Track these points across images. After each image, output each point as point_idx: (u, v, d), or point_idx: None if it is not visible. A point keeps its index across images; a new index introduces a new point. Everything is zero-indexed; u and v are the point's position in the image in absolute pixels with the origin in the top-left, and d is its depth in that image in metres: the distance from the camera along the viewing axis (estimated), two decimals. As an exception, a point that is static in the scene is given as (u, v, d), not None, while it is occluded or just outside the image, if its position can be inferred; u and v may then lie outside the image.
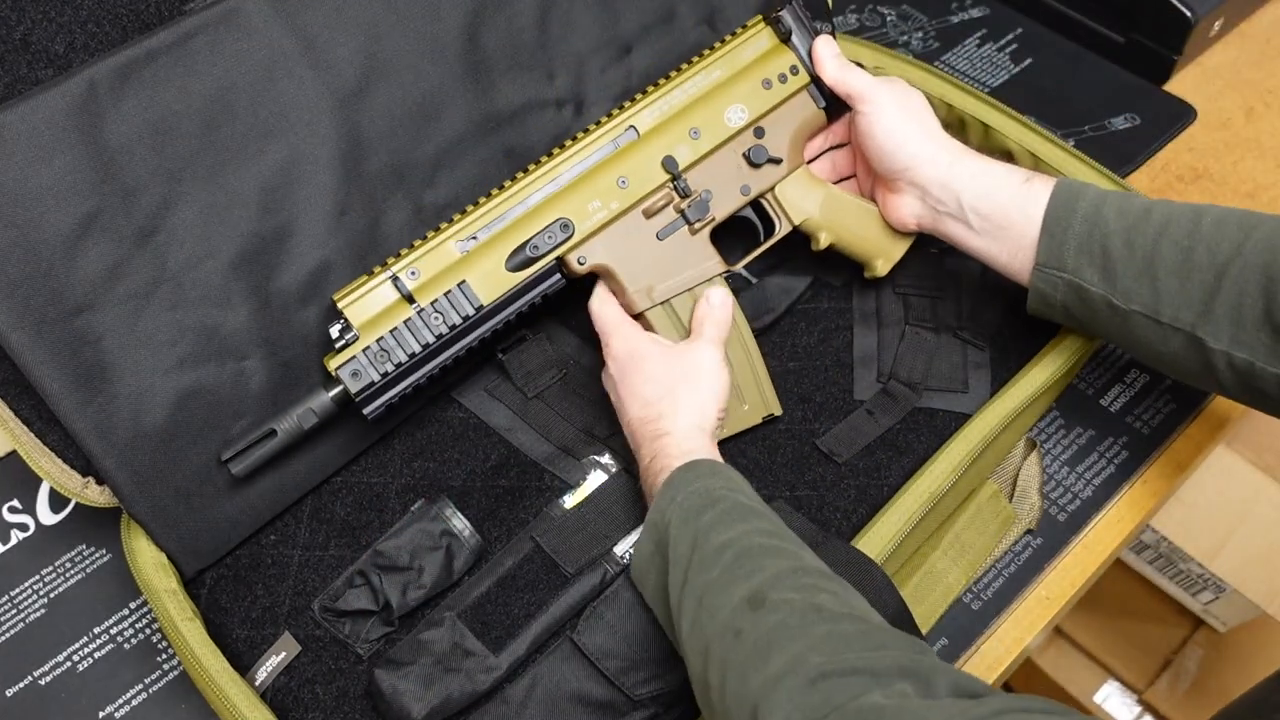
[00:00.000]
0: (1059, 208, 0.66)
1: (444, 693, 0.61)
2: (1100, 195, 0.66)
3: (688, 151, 0.72)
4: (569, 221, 0.69)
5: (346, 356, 0.66)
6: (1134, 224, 0.64)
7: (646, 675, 0.61)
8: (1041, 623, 0.72)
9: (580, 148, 0.70)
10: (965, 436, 0.69)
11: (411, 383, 0.67)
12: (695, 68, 0.73)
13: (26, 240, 0.58)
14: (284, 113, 0.65)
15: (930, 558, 0.70)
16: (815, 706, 0.45)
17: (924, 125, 0.72)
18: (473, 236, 0.68)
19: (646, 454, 0.64)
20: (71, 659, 0.73)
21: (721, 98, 0.73)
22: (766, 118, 0.74)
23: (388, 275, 0.66)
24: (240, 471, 0.66)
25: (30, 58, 0.60)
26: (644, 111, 0.72)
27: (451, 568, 0.67)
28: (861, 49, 0.92)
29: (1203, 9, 0.98)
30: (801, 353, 0.78)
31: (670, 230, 0.72)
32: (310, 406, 0.67)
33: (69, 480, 0.66)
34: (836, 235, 0.76)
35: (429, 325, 0.67)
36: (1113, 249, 0.64)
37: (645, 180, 0.71)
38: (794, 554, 0.55)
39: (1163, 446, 0.79)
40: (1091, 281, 0.65)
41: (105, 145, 0.59)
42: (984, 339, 0.77)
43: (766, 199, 0.75)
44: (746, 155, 0.74)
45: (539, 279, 0.69)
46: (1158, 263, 0.62)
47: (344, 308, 0.66)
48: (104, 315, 0.61)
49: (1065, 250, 0.65)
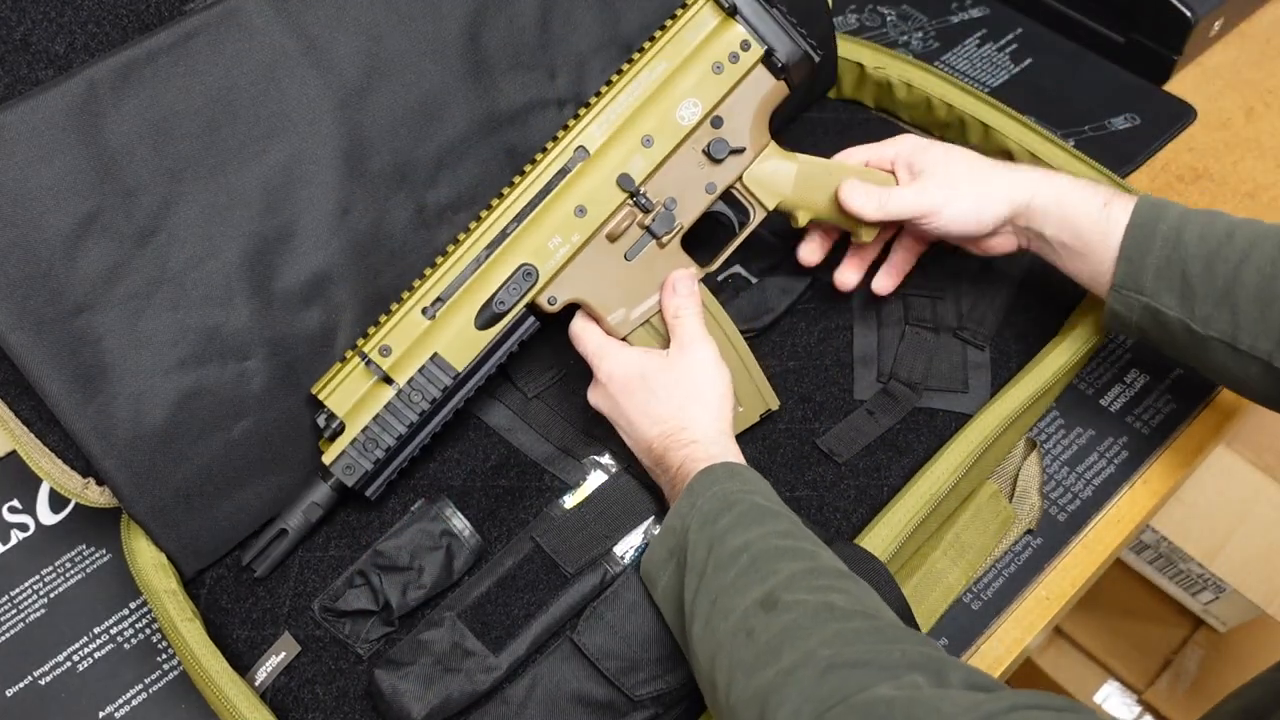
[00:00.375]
0: (1139, 230, 0.65)
1: (444, 693, 0.61)
2: (1182, 216, 0.64)
3: (643, 162, 0.67)
4: (532, 267, 0.67)
5: (337, 451, 0.67)
6: (1216, 248, 0.63)
7: (646, 675, 0.61)
8: (1041, 623, 0.72)
9: (531, 180, 0.67)
10: (966, 437, 0.69)
11: (405, 457, 0.69)
12: (636, 65, 0.68)
13: (26, 240, 0.58)
14: (285, 112, 0.65)
15: (930, 558, 0.70)
16: (824, 698, 0.45)
17: (985, 188, 0.69)
18: (438, 299, 0.66)
19: (674, 461, 0.64)
20: (71, 659, 0.73)
21: (670, 94, 0.68)
22: (722, 105, 0.69)
23: (361, 359, 0.66)
24: (263, 573, 0.68)
25: (30, 58, 0.60)
26: (591, 127, 0.67)
27: (451, 568, 0.67)
28: (862, 49, 0.92)
29: (1203, 9, 0.98)
30: (801, 352, 0.78)
31: (638, 249, 0.69)
32: (314, 501, 0.68)
33: (69, 481, 0.66)
34: (815, 210, 0.72)
35: (410, 405, 0.66)
36: (1192, 274, 0.63)
37: (603, 204, 0.67)
38: (810, 554, 0.55)
39: (1163, 447, 0.79)
40: (1169, 305, 0.64)
41: (105, 145, 0.59)
42: (984, 339, 0.77)
43: (735, 188, 0.71)
44: (706, 151, 0.69)
45: (512, 328, 0.68)
46: (1238, 289, 0.62)
47: (324, 399, 0.66)
48: (104, 316, 0.61)
49: (1144, 274, 0.65)
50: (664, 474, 0.65)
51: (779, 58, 0.69)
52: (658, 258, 0.69)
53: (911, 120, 0.92)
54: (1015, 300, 0.79)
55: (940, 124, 0.89)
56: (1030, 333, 0.77)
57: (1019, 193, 0.68)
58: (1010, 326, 0.77)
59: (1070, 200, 0.67)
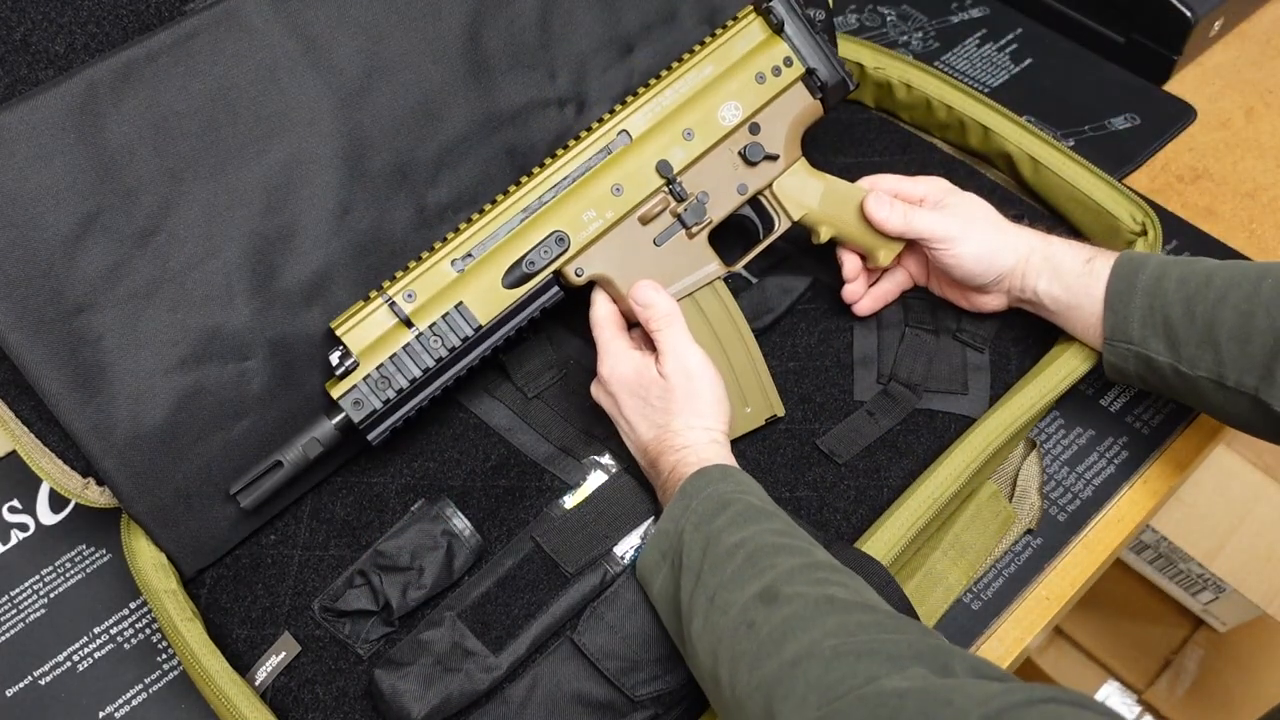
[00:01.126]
0: (1120, 283, 0.67)
1: (444, 693, 0.61)
2: (1161, 266, 0.67)
3: (682, 154, 0.71)
4: (564, 235, 0.68)
5: (348, 385, 0.66)
6: (1194, 292, 0.65)
7: (647, 676, 0.61)
8: (1041, 623, 0.72)
9: (574, 155, 0.69)
10: (970, 443, 0.69)
11: (414, 405, 0.68)
12: (686, 65, 0.72)
13: (26, 240, 0.58)
14: (286, 112, 0.65)
15: (930, 558, 0.70)
16: (830, 687, 0.46)
17: (999, 235, 0.71)
18: (468, 254, 0.67)
19: (666, 465, 0.64)
20: (71, 659, 0.73)
21: (714, 95, 0.72)
22: (761, 113, 0.73)
23: (384, 300, 0.66)
24: (249, 504, 0.67)
25: (30, 58, 0.60)
26: (636, 114, 0.70)
27: (452, 568, 0.67)
28: (862, 49, 0.92)
29: (1203, 9, 0.98)
30: (801, 353, 0.78)
31: (667, 235, 0.71)
32: (315, 436, 0.67)
33: (69, 481, 0.66)
34: (838, 228, 0.75)
35: (428, 349, 0.66)
36: (1174, 318, 0.65)
37: (640, 186, 0.70)
38: (806, 550, 0.56)
39: (1163, 446, 0.79)
40: (1158, 351, 0.66)
41: (105, 145, 0.59)
42: (984, 341, 0.77)
43: (764, 195, 0.74)
44: (742, 153, 0.72)
45: (537, 293, 0.69)
46: (1218, 329, 0.63)
47: (342, 334, 0.66)
48: (104, 315, 0.61)
49: (1130, 324, 0.67)
50: (657, 477, 0.66)
51: (819, 77, 0.74)
52: (685, 247, 0.71)
53: (911, 121, 0.92)
54: (1015, 300, 0.79)
55: (940, 125, 0.89)
56: (1029, 335, 0.77)
57: (1023, 248, 0.71)
58: (1009, 329, 0.77)
59: (1059, 257, 0.70)
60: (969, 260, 0.71)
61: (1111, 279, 0.68)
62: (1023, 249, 0.71)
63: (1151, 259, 0.67)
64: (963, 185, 0.76)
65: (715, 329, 0.72)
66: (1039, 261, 0.71)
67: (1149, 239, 0.78)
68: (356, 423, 0.66)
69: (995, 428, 0.69)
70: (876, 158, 0.88)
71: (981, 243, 0.71)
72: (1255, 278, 0.64)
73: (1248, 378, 0.63)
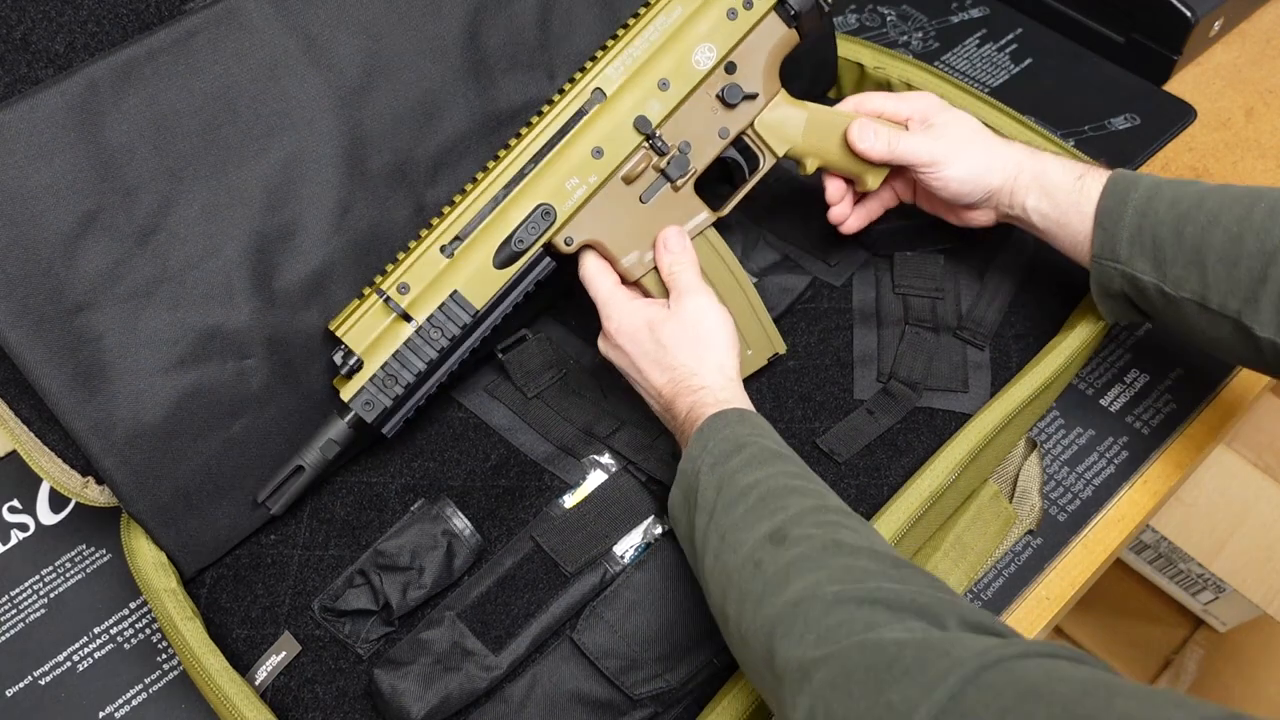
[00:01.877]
0: (1110, 200, 0.67)
1: (443, 692, 0.61)
2: (1154, 185, 0.66)
3: (659, 106, 0.69)
4: (550, 207, 0.68)
5: (356, 387, 0.67)
6: (1185, 213, 0.64)
7: (646, 675, 0.61)
8: (1041, 623, 0.72)
9: (550, 119, 0.68)
10: (966, 435, 0.69)
11: (423, 395, 0.69)
12: (654, 9, 0.69)
13: (26, 239, 0.58)
14: (286, 111, 0.65)
15: (931, 559, 0.70)
16: (830, 630, 0.46)
17: (986, 155, 0.71)
18: (456, 238, 0.67)
19: (683, 407, 0.65)
20: (71, 659, 0.73)
21: (686, 39, 0.69)
22: (736, 50, 0.70)
23: (379, 296, 0.66)
24: (278, 510, 0.68)
25: (30, 57, 0.60)
26: (607, 69, 0.69)
27: (451, 567, 0.67)
28: (862, 49, 0.92)
29: (1203, 9, 0.98)
30: (801, 352, 0.78)
31: (653, 191, 0.70)
32: (330, 437, 0.68)
33: (69, 480, 0.66)
34: (823, 157, 0.74)
35: (429, 342, 0.67)
36: (1163, 238, 0.65)
37: (620, 146, 0.69)
38: (818, 493, 0.56)
39: (1163, 446, 0.79)
40: (1144, 271, 0.66)
41: (106, 144, 0.59)
42: (984, 339, 0.77)
43: (747, 135, 0.73)
44: (720, 96, 0.70)
45: (528, 268, 0.69)
46: (1206, 250, 0.63)
47: (342, 335, 0.66)
48: (104, 314, 0.61)
49: (1118, 243, 0.67)
50: (673, 420, 0.66)
51: (792, 5, 0.71)
52: (672, 200, 0.71)
53: (911, 120, 0.92)
54: (1015, 300, 0.79)
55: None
56: (1030, 333, 0.77)
57: (1011, 165, 0.71)
58: (1010, 326, 0.78)
59: (1050, 173, 0.70)
60: (954, 183, 0.71)
61: (1103, 197, 0.67)
62: (1011, 167, 0.70)
63: (1144, 179, 0.67)
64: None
65: (711, 276, 0.72)
66: (1028, 179, 0.70)
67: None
68: (369, 422, 0.67)
69: (991, 419, 0.69)
70: (876, 157, 0.88)
71: (968, 165, 0.70)
72: (1249, 201, 0.63)
73: (1231, 301, 0.63)
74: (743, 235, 0.85)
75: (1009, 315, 0.78)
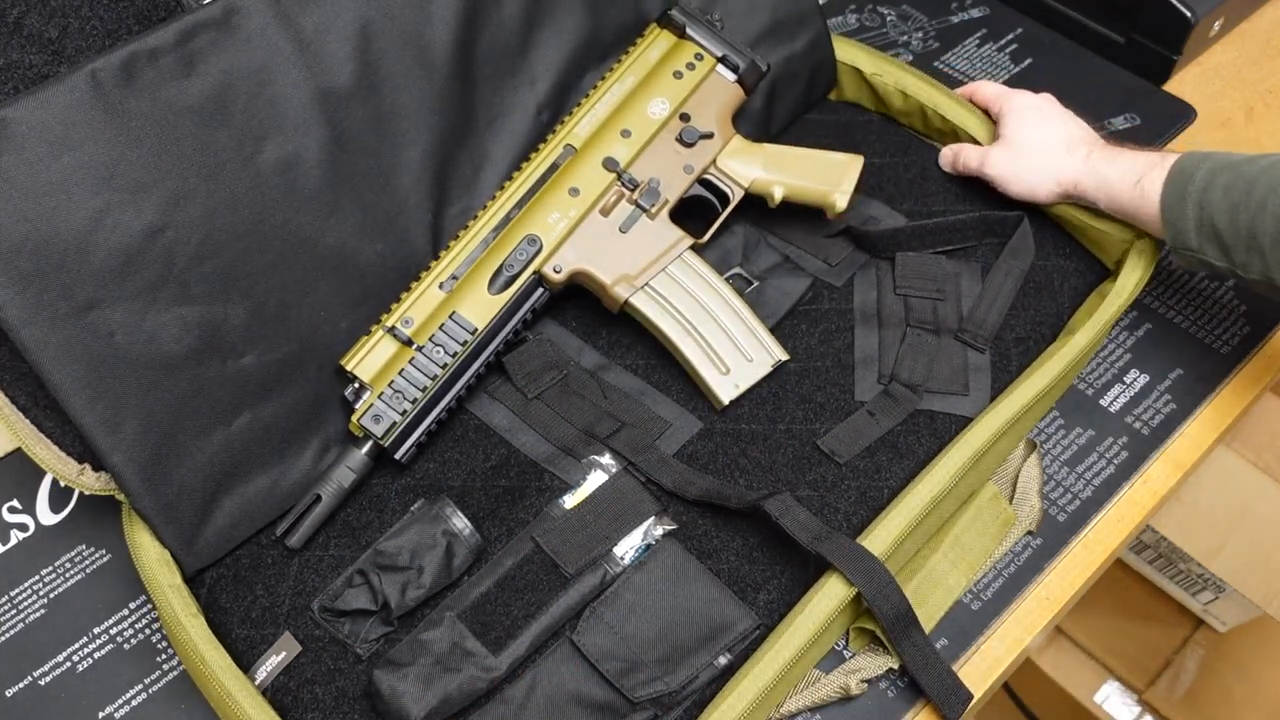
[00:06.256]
0: (1172, 197, 0.71)
1: (443, 693, 0.61)
2: (1209, 174, 0.70)
3: (625, 149, 0.78)
4: (535, 236, 0.75)
5: (365, 406, 0.70)
6: (1238, 200, 0.68)
7: (646, 677, 0.61)
8: (1041, 623, 0.72)
9: (528, 174, 0.76)
10: (967, 440, 0.69)
11: (433, 418, 0.72)
12: (611, 80, 0.79)
13: (39, 234, 0.58)
14: (278, 113, 0.65)
15: (931, 560, 0.70)
16: None
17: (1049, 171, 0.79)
18: (453, 276, 0.73)
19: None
20: (71, 659, 0.73)
21: (641, 98, 0.79)
22: (687, 102, 0.80)
23: (385, 330, 0.71)
24: (296, 542, 0.69)
25: (23, 41, 0.60)
26: (575, 129, 0.77)
27: (451, 567, 0.67)
28: (859, 53, 0.92)
29: (1203, 9, 0.98)
30: (802, 353, 0.78)
31: (631, 221, 0.77)
32: (347, 465, 0.71)
33: (65, 467, 0.66)
34: (787, 188, 0.81)
35: (432, 359, 0.72)
36: (1221, 227, 0.69)
37: (594, 184, 0.77)
38: None
39: (1163, 446, 0.79)
40: (1215, 257, 0.71)
41: (112, 141, 0.60)
42: (984, 342, 0.77)
43: (712, 173, 0.81)
44: (679, 138, 0.79)
45: (523, 295, 0.75)
46: (1260, 236, 0.67)
47: (353, 368, 0.71)
48: (114, 311, 0.62)
49: (1187, 234, 0.71)
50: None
51: (731, 63, 0.82)
52: (650, 228, 0.78)
53: (909, 126, 0.92)
54: (1016, 303, 0.79)
55: (937, 131, 0.89)
56: (1030, 336, 0.77)
57: (1068, 181, 0.78)
58: (1010, 329, 0.77)
59: (1110, 182, 0.75)
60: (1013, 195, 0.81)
61: (1164, 194, 0.71)
62: (1068, 183, 0.78)
63: (1201, 167, 0.71)
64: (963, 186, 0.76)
65: (696, 296, 0.76)
66: (1091, 188, 0.76)
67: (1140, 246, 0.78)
68: (379, 438, 0.69)
69: (993, 423, 0.69)
70: (876, 159, 0.88)
71: (1029, 181, 0.79)
72: None
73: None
74: (743, 237, 0.85)
75: (1009, 318, 0.78)
